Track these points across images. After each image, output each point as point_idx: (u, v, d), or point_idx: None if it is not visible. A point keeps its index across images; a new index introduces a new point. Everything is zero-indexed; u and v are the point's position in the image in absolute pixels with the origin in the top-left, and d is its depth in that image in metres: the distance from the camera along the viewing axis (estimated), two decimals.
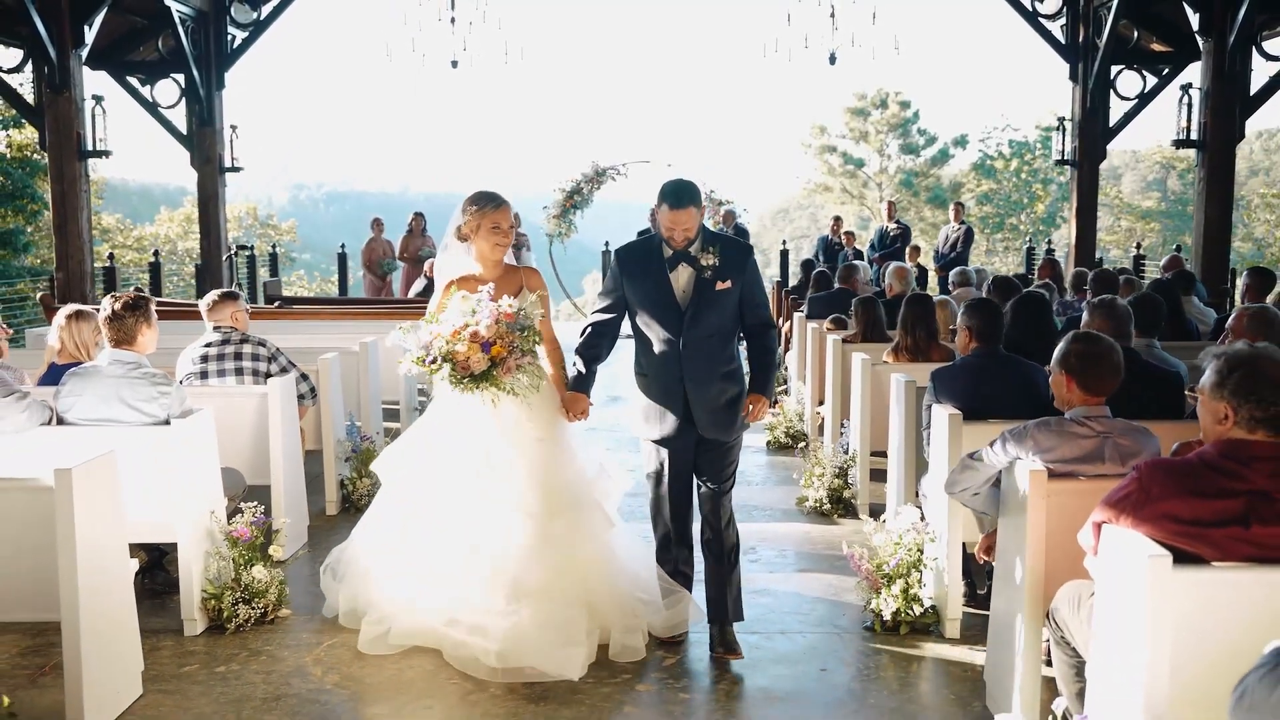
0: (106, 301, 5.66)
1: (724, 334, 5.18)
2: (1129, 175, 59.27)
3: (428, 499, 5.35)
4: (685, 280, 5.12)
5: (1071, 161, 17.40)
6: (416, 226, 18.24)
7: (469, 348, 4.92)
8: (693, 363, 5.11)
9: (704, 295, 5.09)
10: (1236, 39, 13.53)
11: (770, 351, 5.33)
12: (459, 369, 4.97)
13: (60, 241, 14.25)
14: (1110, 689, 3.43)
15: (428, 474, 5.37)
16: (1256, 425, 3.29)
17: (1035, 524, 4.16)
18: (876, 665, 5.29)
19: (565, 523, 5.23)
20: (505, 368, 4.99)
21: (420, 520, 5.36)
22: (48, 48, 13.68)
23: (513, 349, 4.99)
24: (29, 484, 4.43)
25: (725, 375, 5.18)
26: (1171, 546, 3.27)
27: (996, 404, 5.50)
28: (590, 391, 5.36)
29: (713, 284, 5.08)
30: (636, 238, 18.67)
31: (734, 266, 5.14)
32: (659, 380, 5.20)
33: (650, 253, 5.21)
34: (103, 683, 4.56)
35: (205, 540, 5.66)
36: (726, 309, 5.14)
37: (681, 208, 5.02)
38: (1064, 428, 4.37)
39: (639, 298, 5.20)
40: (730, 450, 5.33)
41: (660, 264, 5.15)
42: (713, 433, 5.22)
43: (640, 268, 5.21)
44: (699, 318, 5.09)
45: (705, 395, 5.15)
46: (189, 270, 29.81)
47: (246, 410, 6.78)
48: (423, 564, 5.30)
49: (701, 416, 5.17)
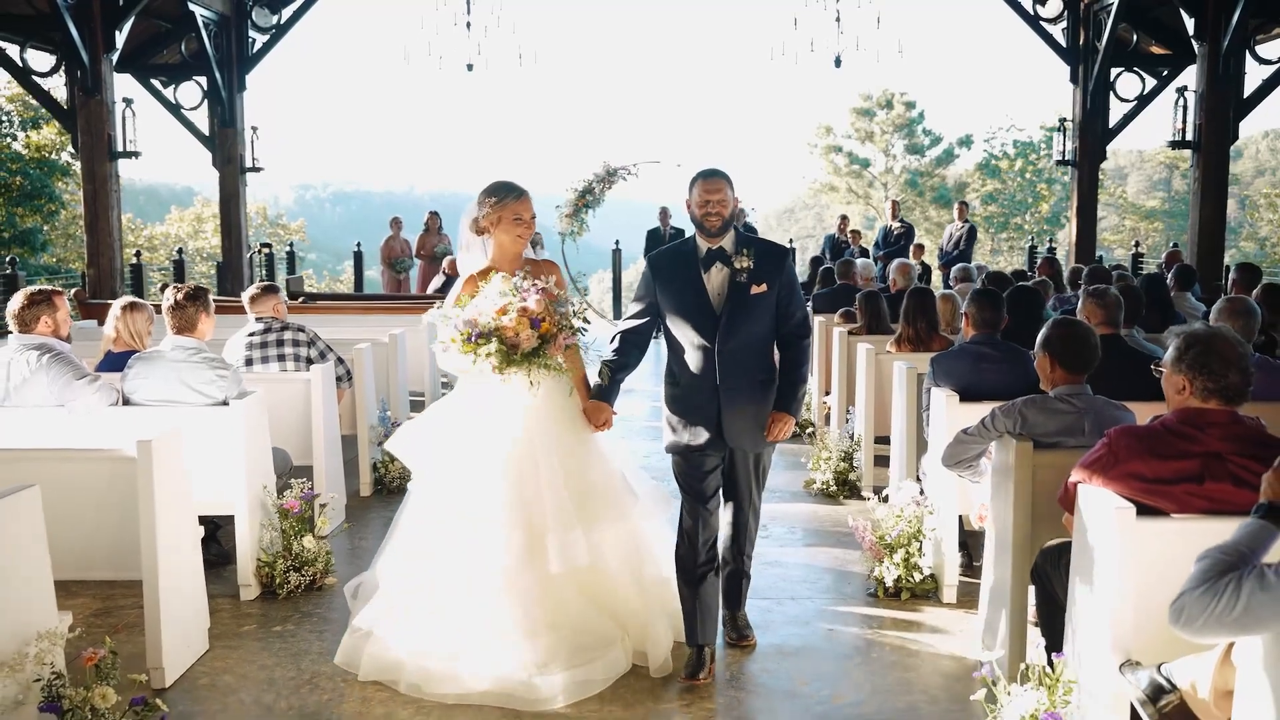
0: (169, 292, 6.15)
1: (761, 340, 5.03)
2: (1135, 175, 59.61)
3: (449, 524, 5.02)
4: (719, 282, 4.95)
5: (1072, 162, 17.83)
6: (433, 224, 18.72)
7: (518, 322, 4.78)
8: (728, 371, 4.94)
9: (739, 299, 4.92)
10: (1230, 43, 13.96)
11: (801, 365, 5.14)
12: (508, 345, 4.80)
13: (91, 239, 14.77)
14: (1084, 627, 3.89)
15: (451, 487, 5.06)
16: (1210, 395, 3.75)
17: (1022, 489, 4.62)
18: (879, 626, 5.75)
19: (596, 528, 5.02)
20: (555, 345, 4.86)
21: (438, 553, 5.04)
22: (80, 53, 14.18)
23: (561, 326, 4.90)
24: (112, 454, 4.91)
25: (761, 384, 5.04)
26: (1136, 501, 3.73)
27: (992, 386, 5.94)
28: (614, 401, 5.17)
29: (747, 287, 4.92)
30: (646, 237, 19.18)
31: (770, 269, 4.98)
32: (691, 388, 5.02)
33: (683, 255, 5.06)
34: (176, 636, 5.03)
35: (259, 512, 6.12)
36: (763, 315, 4.98)
37: (713, 178, 4.93)
38: (1048, 404, 4.84)
39: (672, 302, 5.04)
40: (760, 462, 5.22)
41: (694, 267, 4.99)
42: (744, 444, 5.08)
43: (673, 271, 5.05)
44: (734, 323, 4.92)
45: (739, 405, 4.99)
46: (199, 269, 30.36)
47: (290, 395, 7.25)
48: (436, 600, 5.00)
49: (733, 427, 5.00)
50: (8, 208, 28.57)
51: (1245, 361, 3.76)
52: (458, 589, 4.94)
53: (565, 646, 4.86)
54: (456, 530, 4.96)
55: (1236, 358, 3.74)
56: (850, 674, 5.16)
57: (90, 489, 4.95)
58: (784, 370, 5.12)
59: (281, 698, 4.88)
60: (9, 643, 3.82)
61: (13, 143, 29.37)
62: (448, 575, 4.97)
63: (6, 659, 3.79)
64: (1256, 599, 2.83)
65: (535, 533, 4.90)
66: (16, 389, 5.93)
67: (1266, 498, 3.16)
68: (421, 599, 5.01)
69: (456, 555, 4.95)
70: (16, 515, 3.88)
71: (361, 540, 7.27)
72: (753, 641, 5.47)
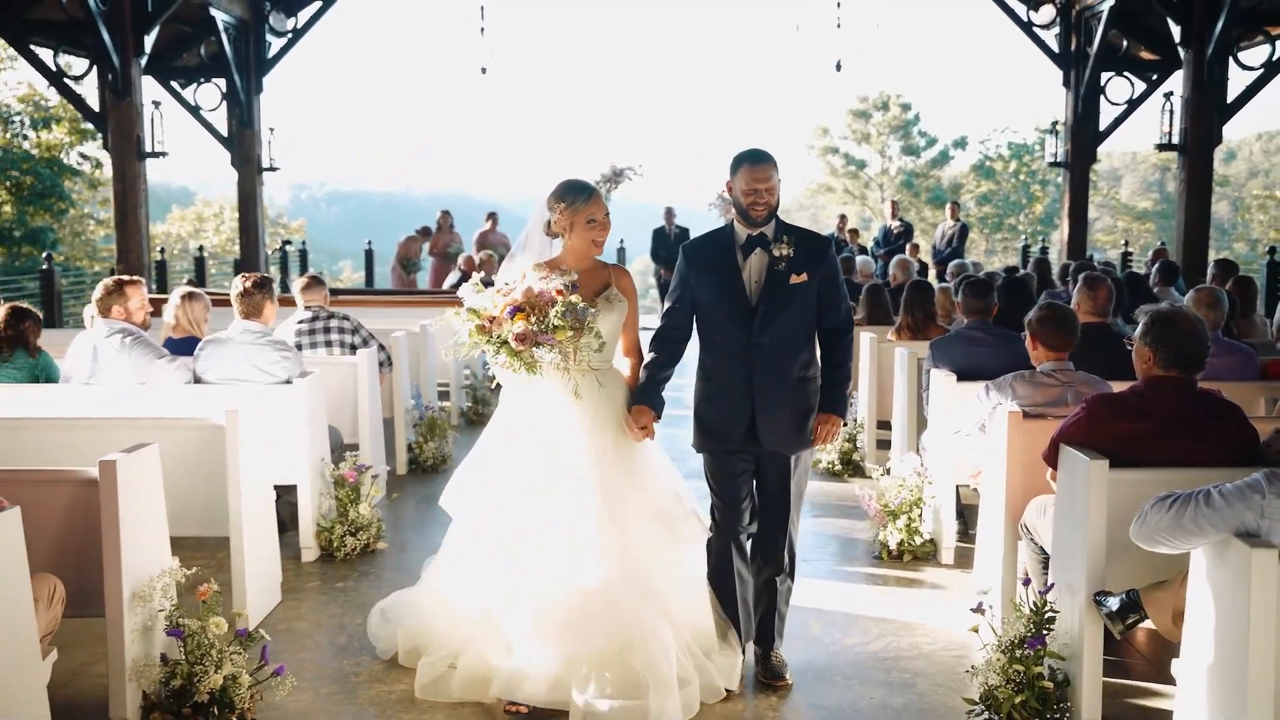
0: (238, 280, 6.76)
1: (799, 335, 4.76)
2: (1129, 177, 60.24)
3: (499, 530, 4.84)
4: (757, 270, 4.69)
5: (1064, 163, 18.45)
6: (444, 223, 19.29)
7: (501, 311, 4.57)
8: (763, 367, 4.69)
9: (777, 290, 4.66)
10: (1214, 50, 14.58)
11: (846, 363, 4.89)
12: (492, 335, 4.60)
13: (121, 237, 15.37)
14: (1065, 567, 4.50)
15: (498, 501, 4.86)
16: (1171, 364, 4.37)
17: (1012, 452, 5.24)
18: (884, 583, 6.36)
19: (644, 543, 4.77)
20: (522, 338, 4.51)
21: (492, 554, 4.85)
22: (112, 57, 14.75)
23: (545, 327, 4.52)
24: (203, 423, 5.51)
25: (800, 381, 4.77)
26: (1110, 456, 4.34)
27: (986, 366, 6.55)
28: (656, 406, 4.81)
29: (786, 276, 4.66)
30: (652, 237, 19.78)
31: (811, 259, 4.71)
32: (724, 384, 4.78)
33: (719, 243, 4.81)
34: (256, 586, 5.63)
35: (318, 482, 6.73)
36: (803, 307, 4.72)
37: (763, 163, 4.65)
38: (1035, 379, 5.47)
39: (706, 293, 4.77)
40: (796, 467, 4.89)
41: (731, 253, 4.74)
42: (778, 445, 4.78)
43: (708, 261, 4.79)
44: (771, 315, 4.66)
45: (775, 404, 4.72)
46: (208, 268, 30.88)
47: (339, 378, 7.84)
48: (492, 598, 4.82)
49: (767, 428, 4.73)
50: (19, 206, 29.11)
51: (1203, 336, 4.39)
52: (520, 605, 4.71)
53: (618, 675, 4.54)
54: (513, 547, 4.75)
55: (1195, 333, 4.37)
56: (858, 621, 5.78)
57: (181, 455, 5.54)
58: (828, 368, 4.88)
59: (353, 640, 5.48)
60: (140, 578, 4.42)
61: (23, 142, 29.91)
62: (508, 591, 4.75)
63: (139, 591, 4.39)
64: (1200, 511, 3.45)
65: (581, 548, 4.65)
66: (104, 369, 6.53)
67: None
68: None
69: (514, 571, 4.74)
70: (144, 466, 4.49)
71: (402, 514, 7.87)
72: (789, 682, 4.95)
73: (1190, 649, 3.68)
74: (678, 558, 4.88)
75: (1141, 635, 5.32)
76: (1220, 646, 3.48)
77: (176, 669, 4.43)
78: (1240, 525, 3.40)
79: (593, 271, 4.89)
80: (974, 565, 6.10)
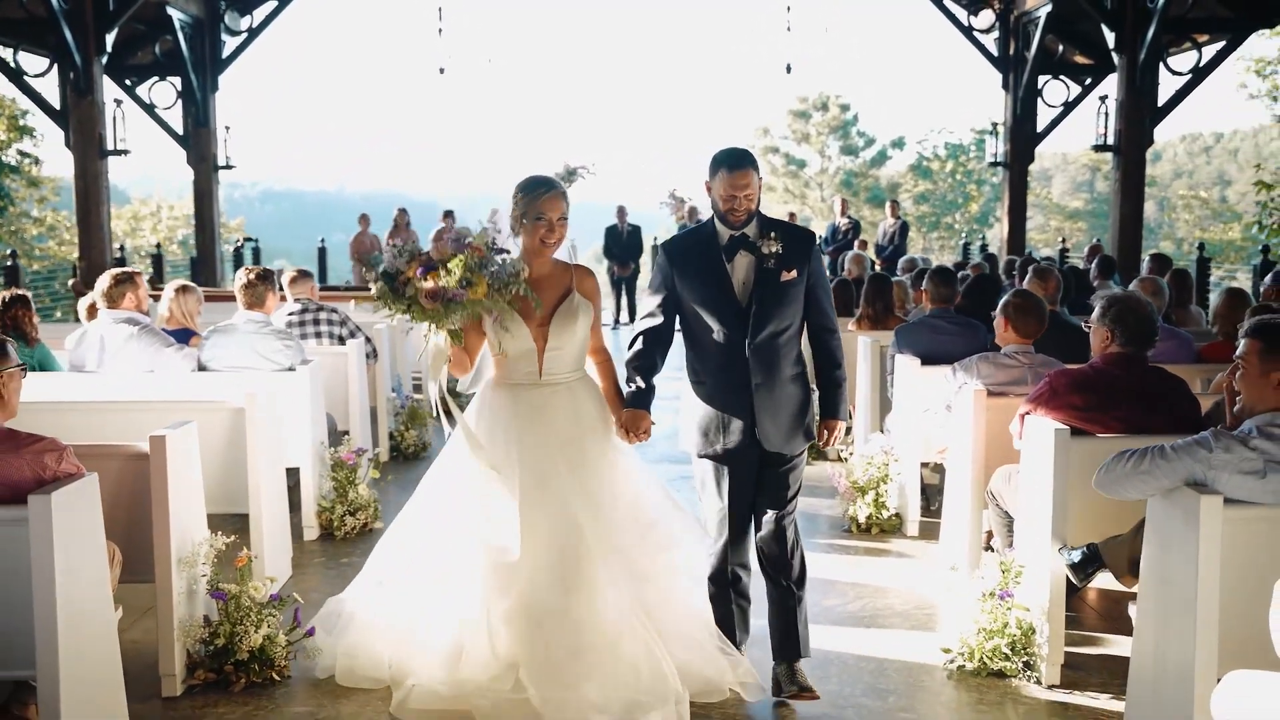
0: (241, 273, 7.09)
1: (793, 333, 4.65)
2: (1059, 177, 61.59)
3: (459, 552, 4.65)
4: (745, 271, 4.56)
5: (1004, 163, 19.15)
6: (401, 221, 19.55)
7: (411, 269, 4.32)
8: (761, 367, 4.56)
9: (768, 288, 4.54)
10: (1146, 56, 15.30)
11: (840, 363, 4.80)
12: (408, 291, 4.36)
13: (84, 234, 15.51)
14: (1030, 529, 5.00)
15: (461, 522, 4.67)
16: (1128, 341, 4.90)
17: (978, 427, 5.73)
18: (855, 553, 6.84)
19: (626, 557, 4.60)
20: (432, 294, 4.28)
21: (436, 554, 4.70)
22: (74, 55, 14.89)
23: (458, 283, 4.28)
24: (223, 405, 5.84)
25: (794, 379, 4.65)
26: (1071, 425, 4.84)
27: (948, 352, 7.03)
28: (650, 408, 4.68)
29: (777, 274, 4.53)
30: (604, 234, 20.18)
31: (799, 255, 4.59)
32: (721, 388, 4.60)
33: (702, 242, 4.64)
34: (272, 558, 5.97)
35: (319, 464, 7.06)
36: (794, 303, 4.61)
37: (742, 169, 4.48)
38: (999, 360, 5.98)
39: (694, 295, 4.61)
40: (796, 466, 4.76)
41: (715, 255, 4.58)
42: (779, 446, 4.64)
43: (692, 261, 4.62)
44: (765, 314, 4.54)
45: (774, 404, 4.59)
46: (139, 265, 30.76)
47: (330, 367, 8.16)
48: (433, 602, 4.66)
49: (768, 428, 4.59)
50: None
51: (1154, 317, 4.96)
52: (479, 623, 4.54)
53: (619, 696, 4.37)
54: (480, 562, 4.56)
55: (1147, 314, 4.91)
56: (834, 585, 6.24)
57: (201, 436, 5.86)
58: (823, 369, 4.80)
59: None
60: (185, 545, 4.77)
61: None
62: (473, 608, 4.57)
63: (184, 557, 4.74)
64: (1155, 462, 3.95)
65: (572, 563, 4.49)
66: (112, 356, 6.81)
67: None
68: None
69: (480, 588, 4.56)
70: (188, 441, 4.84)
71: (389, 497, 8.20)
72: (817, 694, 4.68)
73: (1146, 589, 4.17)
74: (669, 567, 4.74)
75: (1093, 594, 5.84)
76: (1172, 585, 3.96)
77: (219, 629, 4.79)
78: (1189, 475, 3.90)
79: (553, 275, 4.67)
80: (940, 533, 6.58)
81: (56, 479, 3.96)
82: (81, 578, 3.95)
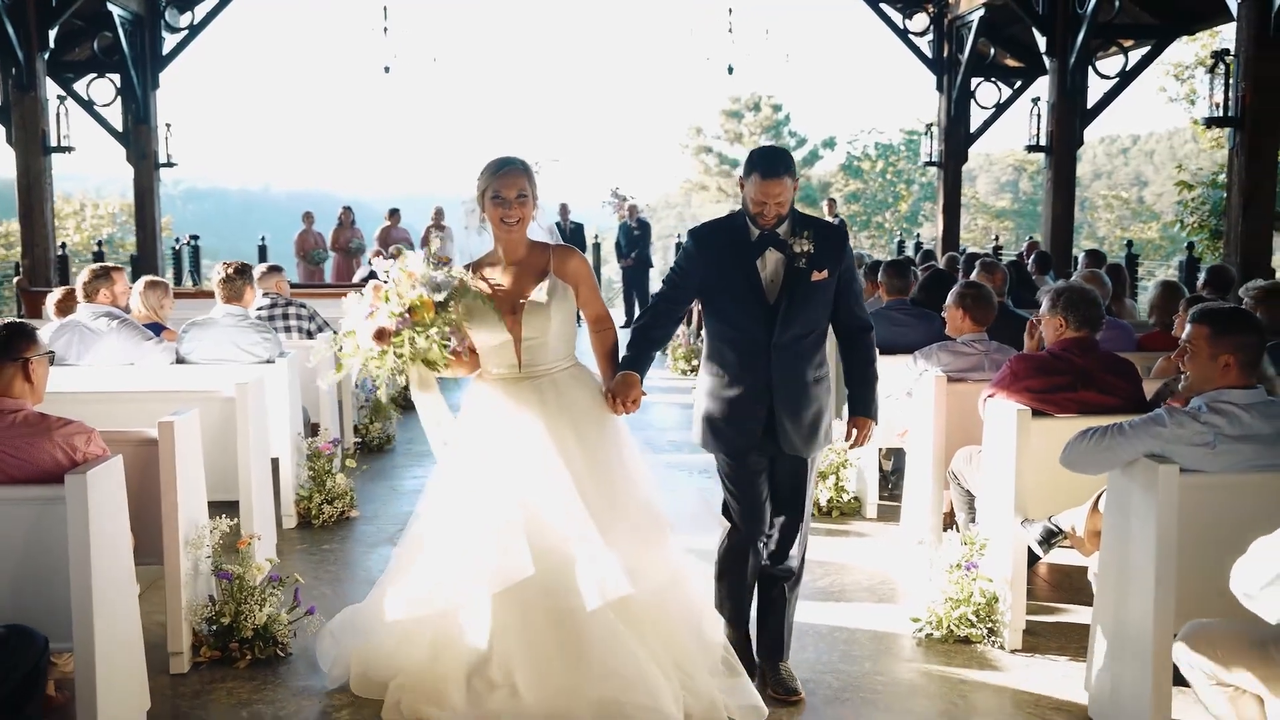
0: (219, 267, 7.23)
1: (818, 334, 4.55)
2: (983, 177, 62.83)
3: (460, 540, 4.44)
4: (773, 269, 4.44)
5: (938, 163, 19.68)
6: (345, 219, 19.61)
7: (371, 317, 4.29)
8: (784, 367, 4.46)
9: (797, 288, 4.42)
10: (1076, 59, 15.86)
11: (872, 362, 4.73)
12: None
13: (26, 231, 15.38)
14: (991, 505, 5.34)
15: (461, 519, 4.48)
16: (1081, 326, 5.27)
17: (939, 411, 6.07)
18: (817, 534, 7.09)
19: (635, 555, 4.34)
20: (380, 335, 4.24)
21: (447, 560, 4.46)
22: (16, 51, 14.76)
23: (399, 314, 4.21)
24: (215, 394, 6.00)
25: (815, 381, 4.55)
26: (1030, 407, 5.18)
27: (906, 341, 7.36)
28: (644, 376, 4.52)
29: (807, 274, 4.42)
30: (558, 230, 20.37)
31: (831, 254, 4.47)
32: (742, 385, 4.48)
33: (734, 233, 4.51)
34: (262, 543, 6.12)
35: (296, 454, 7.22)
36: (821, 304, 4.50)
37: (775, 177, 4.33)
38: (956, 348, 6.33)
39: (720, 287, 4.50)
40: (811, 470, 4.72)
41: (745, 249, 4.46)
42: (797, 448, 4.55)
43: (722, 251, 4.50)
44: (792, 314, 4.42)
45: (795, 405, 4.49)
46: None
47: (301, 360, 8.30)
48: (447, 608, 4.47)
49: (787, 429, 4.49)
50: None
51: (1100, 301, 5.38)
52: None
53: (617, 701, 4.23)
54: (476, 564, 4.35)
55: (1094, 299, 5.32)
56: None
57: None
58: (854, 367, 4.72)
59: (357, 588, 6.02)
60: (190, 528, 4.93)
61: None
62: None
63: (190, 539, 4.90)
64: (1114, 439, 4.28)
65: (561, 562, 4.31)
66: (91, 349, 6.92)
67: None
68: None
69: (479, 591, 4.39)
70: (192, 428, 5.00)
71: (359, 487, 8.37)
72: (801, 695, 4.67)
73: (1108, 554, 4.51)
74: (665, 564, 4.47)
75: (1044, 568, 6.21)
76: (1132, 547, 4.30)
77: (224, 608, 4.97)
78: (1146, 450, 4.24)
79: (528, 259, 4.48)
80: (901, 513, 6.91)
81: (86, 460, 4.13)
82: (110, 553, 4.14)
